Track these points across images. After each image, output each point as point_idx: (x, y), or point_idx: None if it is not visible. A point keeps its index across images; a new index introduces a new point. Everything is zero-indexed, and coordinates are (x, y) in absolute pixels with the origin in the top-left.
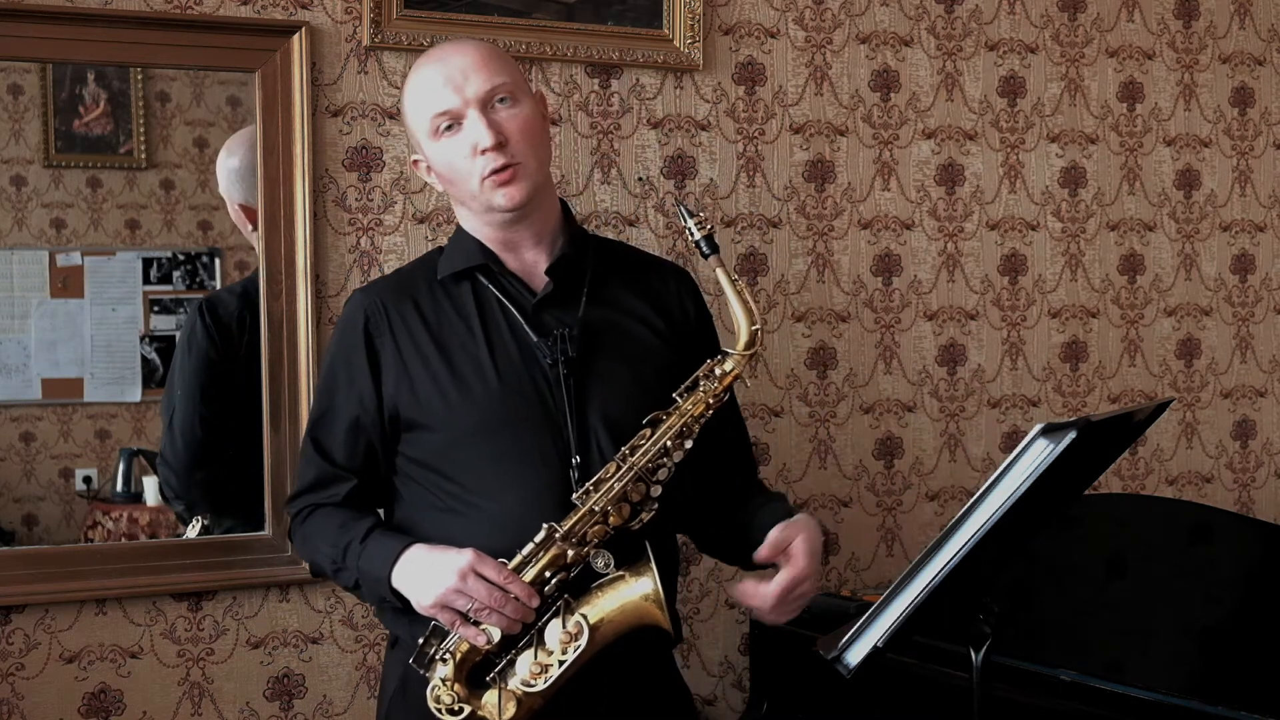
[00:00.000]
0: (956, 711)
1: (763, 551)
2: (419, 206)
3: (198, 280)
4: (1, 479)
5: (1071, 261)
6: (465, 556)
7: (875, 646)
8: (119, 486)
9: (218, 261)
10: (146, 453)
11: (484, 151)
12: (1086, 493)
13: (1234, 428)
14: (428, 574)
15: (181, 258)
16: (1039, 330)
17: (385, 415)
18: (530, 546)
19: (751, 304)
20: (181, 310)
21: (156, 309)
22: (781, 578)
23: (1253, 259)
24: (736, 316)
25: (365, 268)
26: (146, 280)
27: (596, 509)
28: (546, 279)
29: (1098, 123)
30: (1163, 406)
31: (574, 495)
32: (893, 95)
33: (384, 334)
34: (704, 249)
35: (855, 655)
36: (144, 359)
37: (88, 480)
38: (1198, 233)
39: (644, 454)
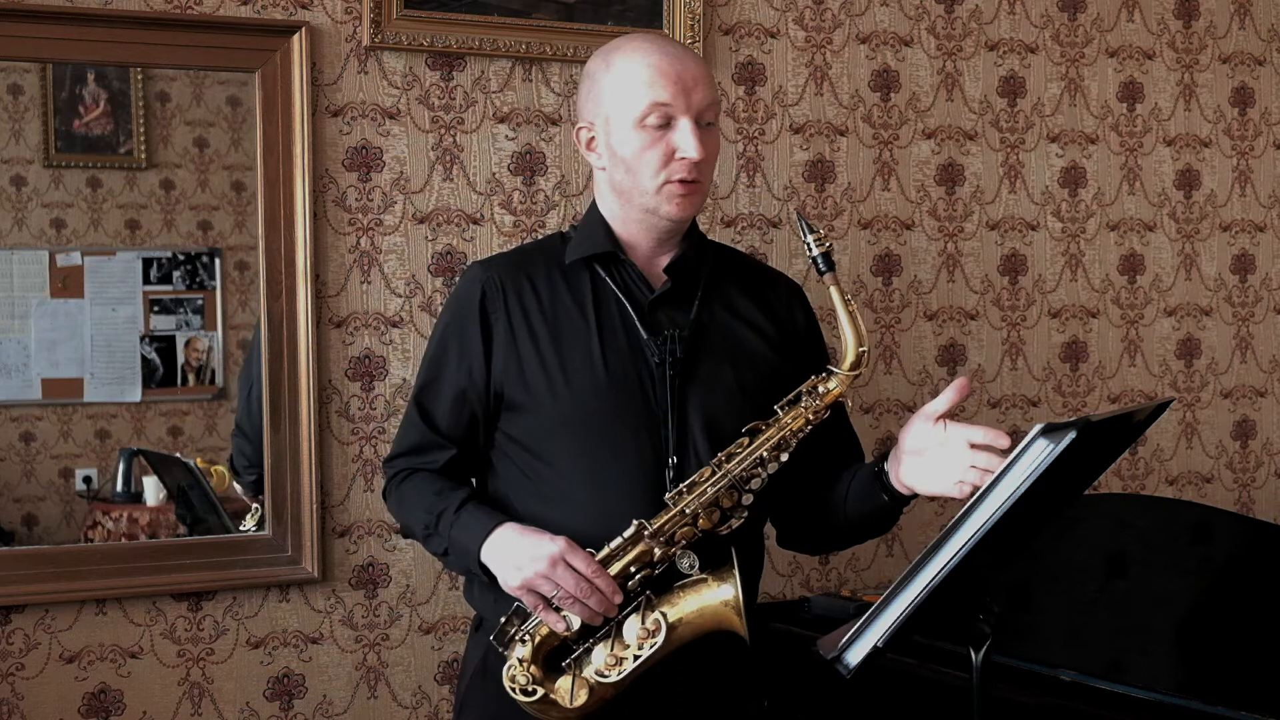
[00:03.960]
0: (956, 711)
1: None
2: (419, 206)
3: (197, 280)
4: (1, 479)
5: (1071, 261)
6: (557, 544)
7: (875, 646)
8: (119, 486)
9: (218, 261)
10: (146, 453)
11: (682, 159)
12: (1086, 493)
13: (1234, 428)
14: (518, 555)
15: (181, 258)
16: (1039, 330)
17: (491, 391)
18: (619, 541)
19: (861, 326)
20: (181, 310)
21: (156, 309)
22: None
23: (1253, 259)
24: (845, 336)
25: (365, 268)
26: (146, 280)
27: (687, 511)
28: (665, 277)
29: (1098, 123)
30: (1163, 406)
31: (667, 495)
32: (893, 95)
33: (499, 310)
34: (820, 266)
35: (855, 655)
36: (144, 359)
37: (88, 480)
38: (1198, 233)
39: (739, 462)
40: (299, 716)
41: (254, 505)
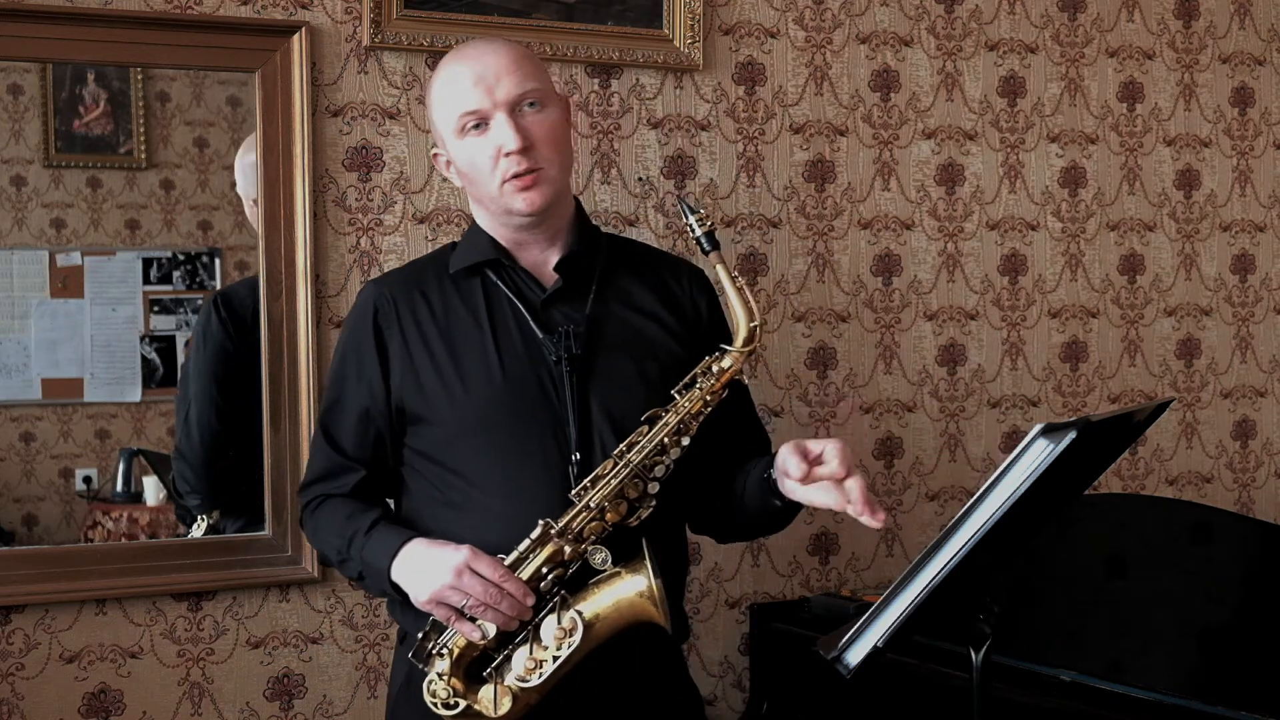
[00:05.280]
0: (956, 711)
1: (791, 465)
2: (419, 206)
3: (198, 280)
4: (1, 479)
5: (1071, 261)
6: (461, 553)
7: (875, 646)
8: (119, 486)
9: (218, 261)
10: (146, 453)
11: (508, 154)
12: (1086, 493)
13: (1234, 428)
14: (425, 569)
15: (181, 258)
16: (1039, 330)
17: (393, 407)
18: (526, 543)
19: (751, 301)
20: (181, 310)
21: (156, 309)
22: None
23: (1253, 259)
24: (736, 314)
25: (365, 268)
26: (146, 280)
27: (593, 505)
28: (556, 275)
29: (1098, 123)
30: (1163, 406)
31: (572, 492)
32: (893, 95)
33: (393, 326)
34: (705, 245)
35: (855, 655)
36: (144, 359)
37: (88, 480)
38: (1198, 233)
39: (640, 450)
40: (299, 716)
41: (200, 516)
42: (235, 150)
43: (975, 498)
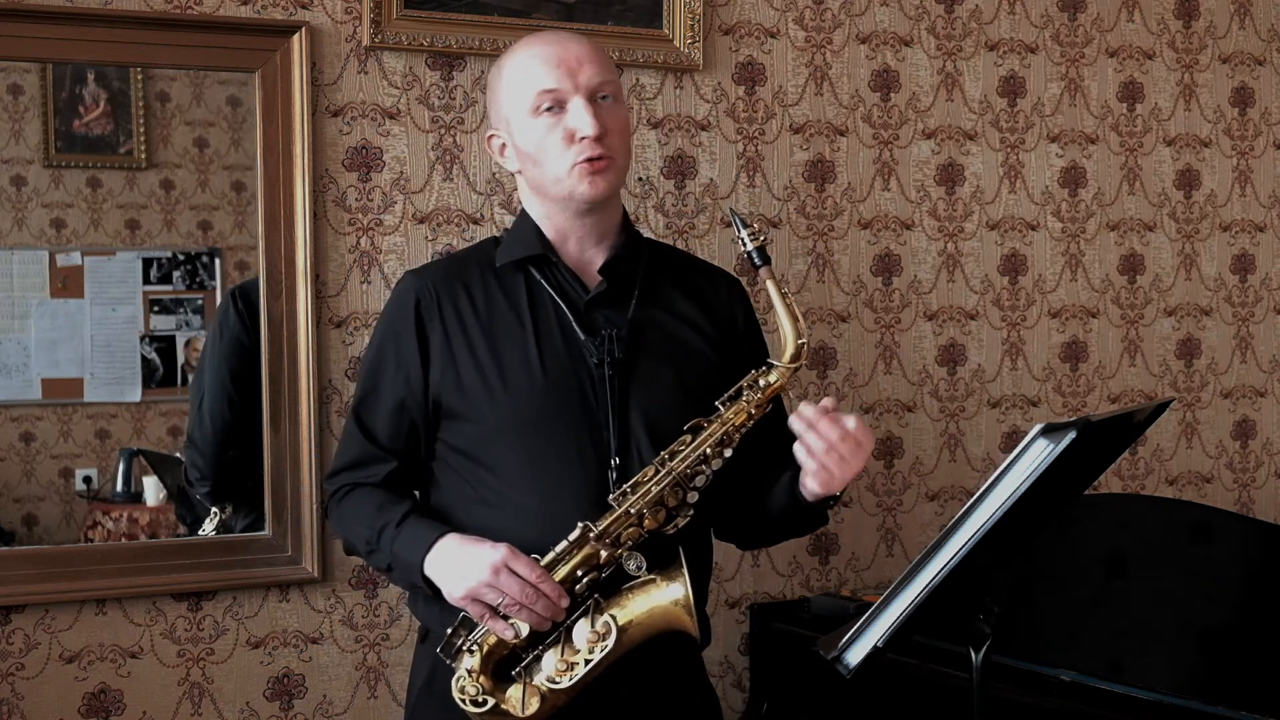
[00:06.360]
0: (956, 711)
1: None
2: (419, 206)
3: (197, 280)
4: (1, 479)
5: (1071, 261)
6: (499, 552)
7: (875, 646)
8: (119, 486)
9: (217, 261)
10: (146, 453)
11: (583, 139)
12: (1086, 493)
13: (1234, 428)
14: (461, 565)
15: (181, 258)
16: (1039, 330)
17: (430, 400)
18: (564, 544)
19: (799, 317)
20: (181, 310)
21: (156, 309)
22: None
23: (1253, 259)
24: (784, 329)
25: (365, 268)
26: (146, 280)
27: (632, 511)
28: (599, 277)
29: (1098, 123)
30: (1163, 406)
31: (611, 496)
32: (893, 95)
33: (434, 319)
34: (756, 260)
35: (855, 655)
36: (144, 359)
37: (88, 480)
38: (1198, 233)
39: (683, 460)
40: (299, 716)
41: (213, 509)
42: (235, 150)
43: (975, 498)
